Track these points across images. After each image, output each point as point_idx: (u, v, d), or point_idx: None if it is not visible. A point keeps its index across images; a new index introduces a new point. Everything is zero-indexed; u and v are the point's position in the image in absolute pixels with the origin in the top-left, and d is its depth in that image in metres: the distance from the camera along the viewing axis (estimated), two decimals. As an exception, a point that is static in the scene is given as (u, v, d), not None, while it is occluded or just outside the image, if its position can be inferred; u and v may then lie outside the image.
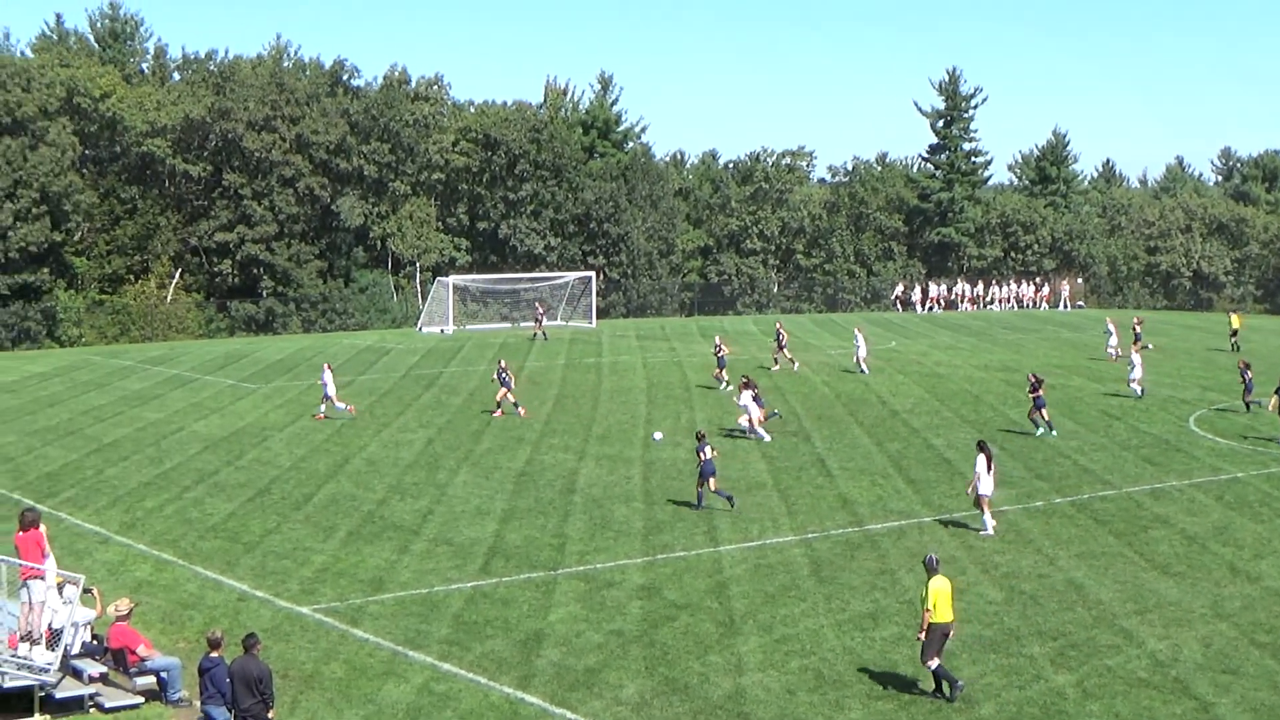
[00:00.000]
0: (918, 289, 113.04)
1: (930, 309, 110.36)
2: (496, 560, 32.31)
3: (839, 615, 27.97)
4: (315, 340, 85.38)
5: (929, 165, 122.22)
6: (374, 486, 40.60)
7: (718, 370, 61.78)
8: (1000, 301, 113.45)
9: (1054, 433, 48.63)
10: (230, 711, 20.87)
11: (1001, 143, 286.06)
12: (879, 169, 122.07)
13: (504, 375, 53.90)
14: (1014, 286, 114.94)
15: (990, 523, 34.87)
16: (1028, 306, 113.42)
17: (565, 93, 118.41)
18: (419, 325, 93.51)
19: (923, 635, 23.80)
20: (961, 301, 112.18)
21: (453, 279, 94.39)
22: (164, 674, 23.85)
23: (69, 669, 23.94)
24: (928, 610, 23.62)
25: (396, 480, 41.26)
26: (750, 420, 47.91)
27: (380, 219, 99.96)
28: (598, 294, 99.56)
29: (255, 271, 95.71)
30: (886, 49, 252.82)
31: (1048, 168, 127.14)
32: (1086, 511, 37.21)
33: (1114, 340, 71.53)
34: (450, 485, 40.69)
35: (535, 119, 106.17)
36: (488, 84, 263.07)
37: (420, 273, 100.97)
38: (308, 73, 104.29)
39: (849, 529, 35.16)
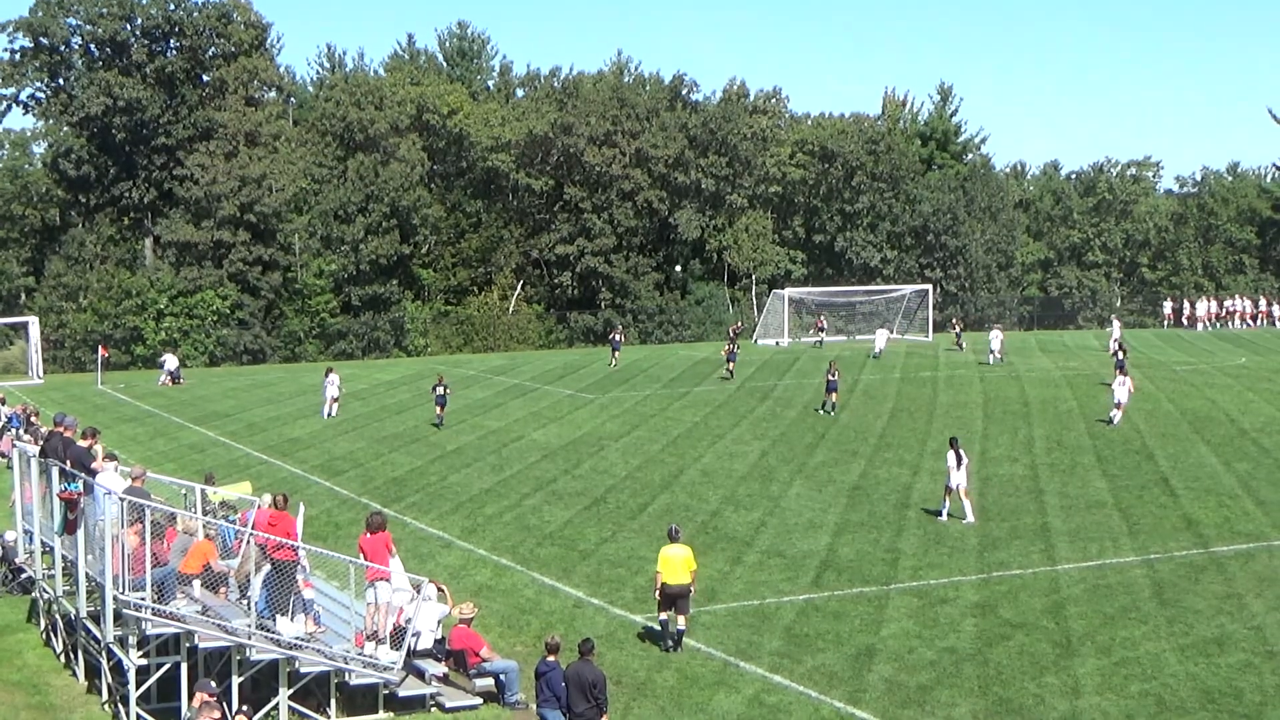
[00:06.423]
0: (1204, 303, 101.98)
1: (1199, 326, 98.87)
2: (829, 573, 32.21)
3: (1182, 639, 27.04)
4: (651, 352, 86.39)
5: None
6: (708, 498, 40.86)
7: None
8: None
9: (834, 413, 55.79)
10: (565, 715, 21.27)
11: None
12: (1230, 179, 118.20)
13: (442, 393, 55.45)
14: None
15: (968, 508, 37.26)
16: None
17: (904, 104, 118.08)
18: (754, 338, 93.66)
19: (656, 594, 26.79)
20: (1242, 319, 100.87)
21: (788, 291, 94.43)
22: (503, 676, 24.42)
23: (412, 669, 24.67)
24: (658, 573, 26.69)
25: (730, 492, 41.45)
26: None
27: (717, 231, 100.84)
28: (934, 307, 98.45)
29: (594, 283, 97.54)
30: (1238, 54, 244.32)
31: None
32: None
33: None
34: (783, 497, 40.68)
35: (873, 131, 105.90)
36: (825, 96, 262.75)
37: (756, 285, 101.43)
38: (648, 88, 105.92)
39: (1193, 550, 33.99)
